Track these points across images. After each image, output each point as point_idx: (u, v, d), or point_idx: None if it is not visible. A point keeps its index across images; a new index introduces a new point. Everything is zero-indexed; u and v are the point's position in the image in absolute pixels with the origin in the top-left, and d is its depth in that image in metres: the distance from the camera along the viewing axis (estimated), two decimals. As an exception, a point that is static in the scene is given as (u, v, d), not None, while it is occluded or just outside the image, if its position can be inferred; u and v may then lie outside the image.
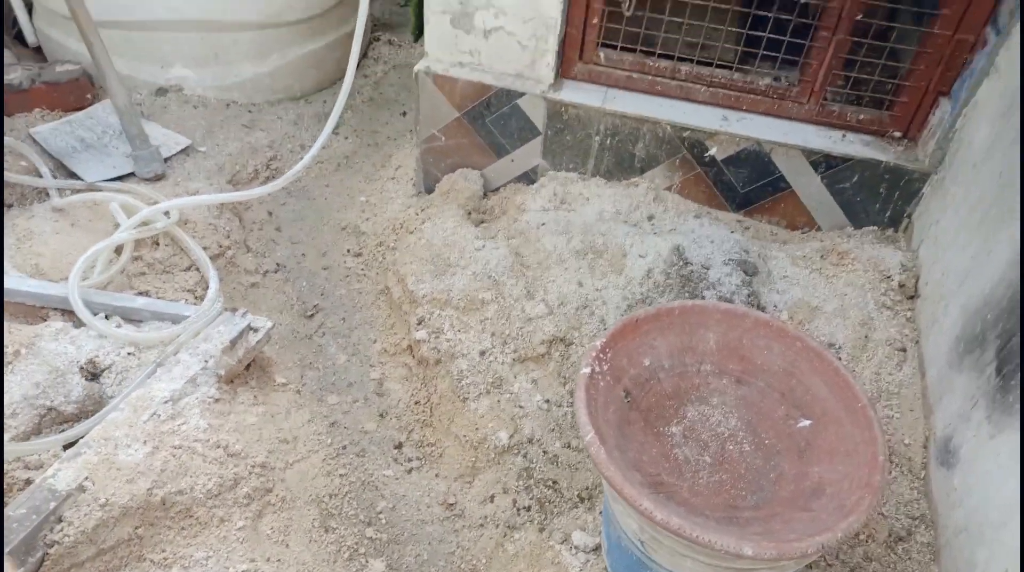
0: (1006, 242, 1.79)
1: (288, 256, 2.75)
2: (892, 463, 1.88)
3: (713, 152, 2.50)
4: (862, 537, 1.74)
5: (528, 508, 1.93)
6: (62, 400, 1.78)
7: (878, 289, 2.22)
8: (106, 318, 2.05)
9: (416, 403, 2.25)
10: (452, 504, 2.01)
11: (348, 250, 2.77)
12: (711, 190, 2.58)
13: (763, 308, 2.18)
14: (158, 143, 2.80)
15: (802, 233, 2.56)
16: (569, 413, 2.07)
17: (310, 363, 2.37)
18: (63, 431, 1.74)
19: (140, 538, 1.55)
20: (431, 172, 2.80)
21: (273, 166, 3.05)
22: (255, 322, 2.02)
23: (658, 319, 1.69)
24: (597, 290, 2.23)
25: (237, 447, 1.75)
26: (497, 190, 2.79)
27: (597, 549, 1.82)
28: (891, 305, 2.19)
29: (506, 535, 1.91)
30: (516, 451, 2.01)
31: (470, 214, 2.64)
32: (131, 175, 2.71)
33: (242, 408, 1.88)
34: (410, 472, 2.10)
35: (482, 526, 1.94)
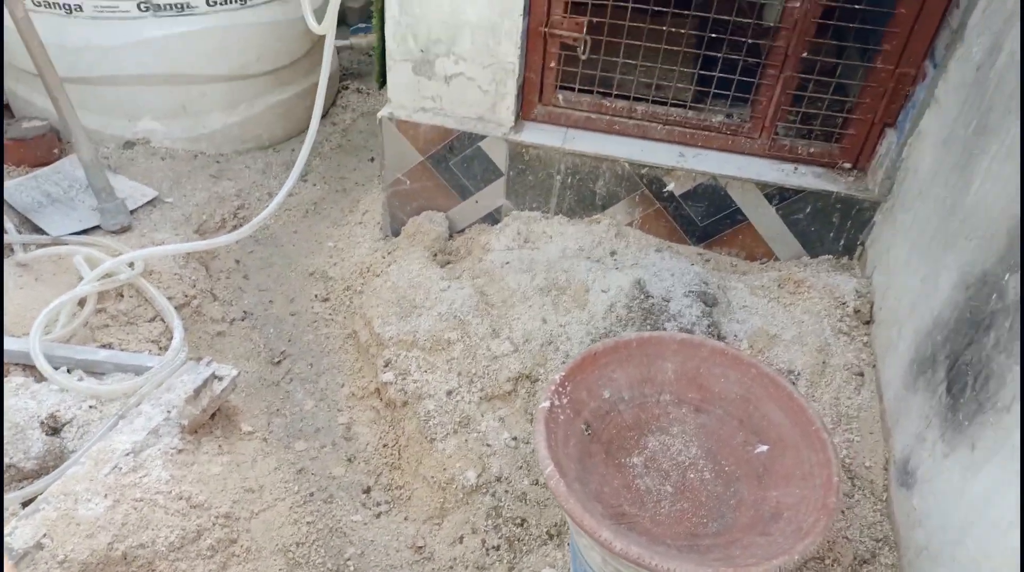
0: (952, 265, 1.84)
1: (255, 303, 2.75)
2: (854, 486, 1.90)
3: (671, 188, 2.56)
4: (828, 562, 1.75)
5: (497, 547, 1.92)
6: (21, 456, 1.76)
7: (834, 315, 2.27)
8: (68, 372, 2.04)
9: (384, 446, 2.25)
10: (421, 547, 2.00)
11: (316, 295, 2.79)
12: (671, 224, 2.64)
13: (723, 338, 2.22)
14: (124, 195, 2.82)
15: (761, 264, 2.62)
16: (537, 450, 2.07)
17: (277, 410, 2.36)
18: (22, 488, 1.72)
19: (100, 594, 1.53)
20: (397, 215, 2.84)
21: (241, 215, 3.08)
22: (220, 370, 2.02)
23: (616, 351, 1.72)
24: (561, 326, 2.26)
25: (200, 498, 1.74)
26: (463, 231, 2.83)
27: (567, 586, 1.81)
28: (847, 331, 2.23)
29: (476, 576, 1.90)
30: (484, 490, 2.00)
31: (436, 255, 2.67)
32: (97, 228, 2.73)
33: (206, 458, 1.87)
34: (379, 516, 2.08)
35: (451, 568, 1.92)
